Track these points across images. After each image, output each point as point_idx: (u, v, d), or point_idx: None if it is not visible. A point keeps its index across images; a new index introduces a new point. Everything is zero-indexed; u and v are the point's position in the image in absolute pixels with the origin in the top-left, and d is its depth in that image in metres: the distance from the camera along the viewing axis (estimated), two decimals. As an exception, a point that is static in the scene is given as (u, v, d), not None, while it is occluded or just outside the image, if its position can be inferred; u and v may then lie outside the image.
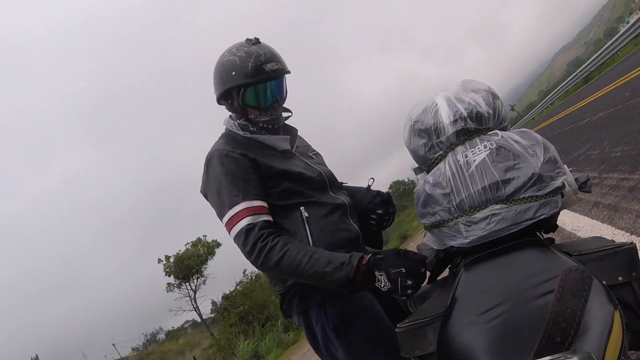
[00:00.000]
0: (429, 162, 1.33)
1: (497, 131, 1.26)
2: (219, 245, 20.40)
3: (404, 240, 17.24)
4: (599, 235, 2.66)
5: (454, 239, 1.22)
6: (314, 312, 1.39)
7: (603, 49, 16.33)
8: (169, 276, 20.85)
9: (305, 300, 1.39)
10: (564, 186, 1.21)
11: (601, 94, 10.20)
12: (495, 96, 1.32)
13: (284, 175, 1.41)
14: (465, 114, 1.26)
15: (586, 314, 0.79)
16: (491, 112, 1.28)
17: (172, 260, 20.74)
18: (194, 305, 21.59)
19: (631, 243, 1.08)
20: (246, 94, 1.44)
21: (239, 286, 16.60)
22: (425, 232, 1.37)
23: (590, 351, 0.77)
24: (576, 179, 1.36)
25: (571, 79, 21.64)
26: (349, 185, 1.63)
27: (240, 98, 1.45)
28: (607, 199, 3.55)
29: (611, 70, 14.20)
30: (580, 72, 19.68)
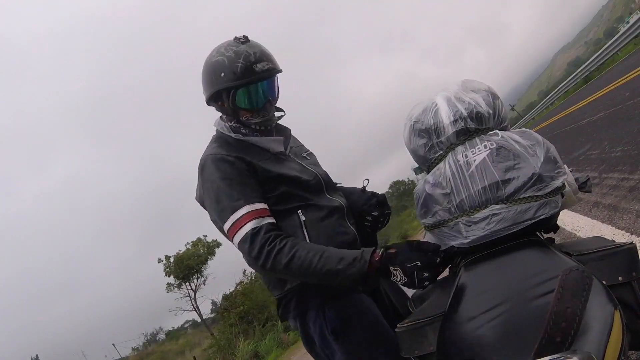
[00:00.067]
0: (429, 162, 1.33)
1: (497, 131, 1.27)
2: (219, 245, 20.38)
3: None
4: (599, 235, 2.65)
5: (454, 239, 1.22)
6: (312, 315, 1.36)
7: (603, 49, 16.31)
8: (169, 276, 20.84)
9: (303, 304, 1.37)
10: (564, 186, 1.21)
11: (601, 94, 10.19)
12: (495, 96, 1.32)
13: (280, 179, 1.37)
14: (466, 114, 1.26)
15: (586, 314, 0.79)
16: (491, 112, 1.28)
17: (172, 260, 20.72)
18: (194, 305, 21.58)
19: (631, 243, 1.08)
20: (237, 95, 1.39)
21: (238, 286, 16.61)
22: (425, 232, 1.37)
23: (590, 351, 0.77)
24: (576, 179, 1.35)
25: (571, 79, 21.61)
26: (344, 185, 1.60)
27: (231, 100, 1.40)
28: (607, 199, 3.55)
29: (611, 70, 14.19)
30: (580, 72, 19.65)
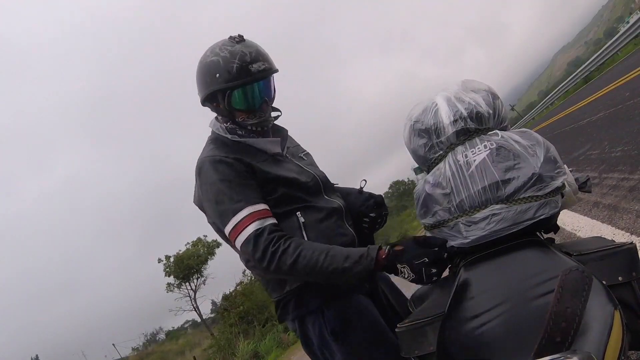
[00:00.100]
0: (429, 162, 1.33)
1: (497, 131, 1.27)
2: (219, 245, 20.39)
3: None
4: (599, 235, 2.65)
5: (454, 239, 1.22)
6: (311, 317, 1.36)
7: (603, 49, 16.31)
8: (169, 276, 20.86)
9: (302, 305, 1.36)
10: (564, 186, 1.21)
11: (601, 94, 10.19)
12: (495, 96, 1.32)
13: (279, 181, 1.35)
14: (466, 114, 1.26)
15: (586, 314, 0.79)
16: (491, 112, 1.28)
17: (172, 260, 20.74)
18: (194, 305, 21.59)
19: (631, 243, 1.08)
20: (232, 96, 1.36)
21: (238, 286, 16.62)
22: (425, 232, 1.37)
23: (590, 351, 0.76)
24: (576, 179, 1.35)
25: (571, 79, 21.61)
26: (341, 186, 1.59)
27: (226, 101, 1.37)
28: (607, 199, 3.55)
29: (611, 70, 14.19)
30: (580, 72, 19.65)
